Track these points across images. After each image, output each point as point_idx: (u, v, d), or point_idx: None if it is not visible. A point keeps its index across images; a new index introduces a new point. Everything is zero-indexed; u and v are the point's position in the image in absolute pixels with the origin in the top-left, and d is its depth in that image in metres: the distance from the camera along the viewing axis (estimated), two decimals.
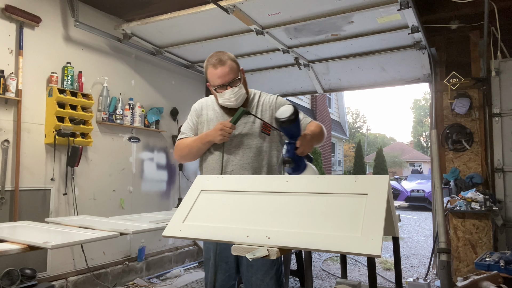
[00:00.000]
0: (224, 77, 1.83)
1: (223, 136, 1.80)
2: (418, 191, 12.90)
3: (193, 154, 1.96)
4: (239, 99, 1.88)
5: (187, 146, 1.95)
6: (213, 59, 1.86)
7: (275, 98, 2.01)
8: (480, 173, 3.96)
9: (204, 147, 1.90)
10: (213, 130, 1.84)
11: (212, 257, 1.91)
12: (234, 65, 1.88)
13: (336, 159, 19.13)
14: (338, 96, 19.48)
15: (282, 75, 5.01)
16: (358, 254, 0.93)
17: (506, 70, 3.75)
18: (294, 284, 4.02)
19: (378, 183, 1.05)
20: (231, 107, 1.92)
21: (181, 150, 1.98)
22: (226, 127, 1.80)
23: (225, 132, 1.80)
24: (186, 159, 2.03)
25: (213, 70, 1.84)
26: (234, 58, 1.90)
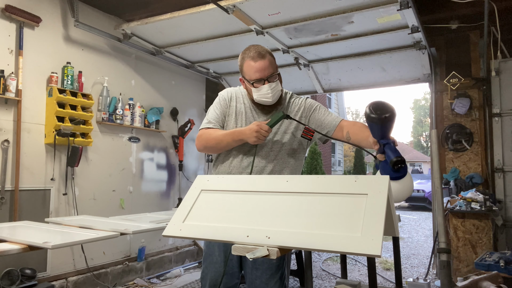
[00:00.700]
0: (263, 71, 1.75)
1: (258, 139, 1.70)
2: (418, 191, 12.89)
3: (220, 149, 1.85)
4: (276, 95, 1.80)
5: (215, 139, 1.82)
6: (252, 52, 1.78)
7: (304, 99, 1.94)
8: (480, 173, 3.96)
9: (235, 144, 1.80)
10: (247, 129, 1.72)
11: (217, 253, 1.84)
12: (273, 60, 1.81)
13: (336, 159, 19.13)
14: (338, 96, 19.49)
15: (282, 75, 4.98)
16: (358, 254, 0.93)
17: (506, 70, 3.75)
18: (294, 284, 4.02)
19: (378, 183, 1.05)
20: (266, 104, 1.83)
21: (207, 141, 1.85)
22: (262, 129, 1.69)
23: (261, 134, 1.69)
24: (209, 151, 1.91)
25: (252, 63, 1.76)
26: (272, 53, 1.82)
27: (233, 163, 1.84)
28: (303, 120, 1.88)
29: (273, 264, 1.75)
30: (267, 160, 1.81)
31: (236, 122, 1.86)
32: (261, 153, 1.81)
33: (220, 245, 1.83)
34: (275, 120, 1.71)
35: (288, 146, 1.85)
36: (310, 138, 1.74)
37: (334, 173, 17.75)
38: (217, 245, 1.84)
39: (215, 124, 1.88)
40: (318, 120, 1.87)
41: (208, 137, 1.84)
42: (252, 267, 1.79)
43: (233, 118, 1.87)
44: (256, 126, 1.69)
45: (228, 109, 1.90)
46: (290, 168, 1.85)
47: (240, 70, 1.85)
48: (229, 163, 1.86)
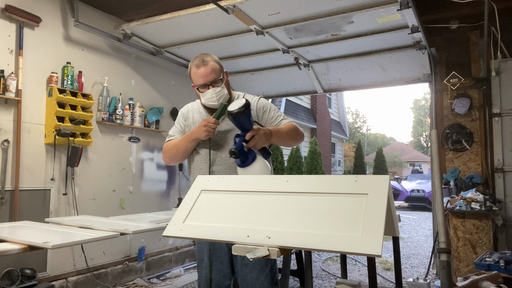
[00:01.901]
0: (206, 77, 1.89)
1: (207, 132, 1.83)
2: (418, 191, 12.90)
3: (181, 154, 1.98)
4: (221, 99, 1.92)
5: (174, 146, 1.98)
6: (197, 60, 1.93)
7: (257, 100, 2.05)
8: (480, 173, 3.96)
9: (191, 145, 1.93)
10: (198, 127, 1.89)
11: (206, 257, 1.93)
12: (217, 66, 1.93)
13: (336, 159, 19.12)
14: (338, 96, 19.48)
15: (282, 75, 5.01)
16: (358, 254, 0.93)
17: (506, 70, 3.75)
18: (294, 284, 4.02)
19: (379, 183, 1.05)
20: (213, 107, 1.96)
21: (169, 151, 2.00)
22: (210, 122, 1.83)
23: (209, 127, 1.83)
24: (174, 160, 2.04)
25: (196, 70, 1.91)
26: (217, 60, 1.96)
27: (200, 162, 1.98)
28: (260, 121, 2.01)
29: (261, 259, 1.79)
30: (219, 147, 1.95)
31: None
32: (217, 145, 1.96)
33: (207, 248, 1.92)
34: (219, 111, 1.85)
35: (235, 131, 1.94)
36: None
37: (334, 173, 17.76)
38: (206, 249, 1.93)
39: (175, 136, 2.05)
40: (266, 121, 2.02)
41: (169, 148, 2.01)
42: (241, 264, 1.87)
43: (192, 128, 2.01)
44: (203, 121, 1.85)
45: (186, 121, 2.07)
46: None
47: (190, 78, 1.99)
48: (197, 164, 1.99)
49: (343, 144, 22.02)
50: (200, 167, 1.98)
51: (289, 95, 5.64)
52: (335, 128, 18.39)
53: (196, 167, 2.00)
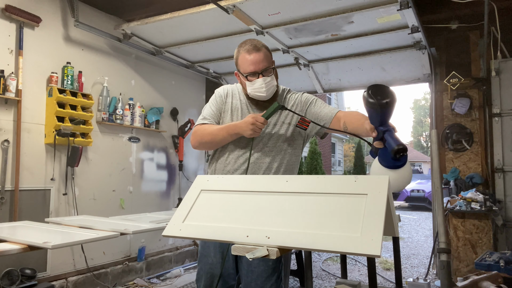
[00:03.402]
0: (257, 64, 1.73)
1: (254, 131, 1.67)
2: (418, 191, 12.90)
3: (215, 144, 1.81)
4: (270, 90, 1.78)
5: (210, 134, 1.79)
6: (247, 45, 1.76)
7: (301, 94, 1.92)
8: (480, 173, 3.96)
9: (231, 138, 1.76)
10: (243, 122, 1.70)
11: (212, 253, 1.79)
12: (269, 54, 1.78)
13: (336, 159, 19.12)
14: (338, 96, 19.49)
15: (282, 75, 4.97)
16: (358, 254, 0.93)
17: (506, 70, 3.75)
18: (294, 284, 4.02)
19: (378, 183, 1.05)
20: (260, 99, 1.80)
21: (202, 137, 1.81)
22: (258, 121, 1.66)
23: (257, 127, 1.66)
24: (205, 147, 1.86)
25: (247, 55, 1.74)
26: (268, 48, 1.80)
27: (229, 159, 1.81)
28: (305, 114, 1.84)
29: (269, 266, 1.71)
30: (263, 153, 1.78)
31: (231, 118, 1.83)
32: (257, 147, 1.78)
33: (216, 245, 1.79)
34: (270, 111, 1.68)
35: (285, 137, 1.82)
36: (306, 127, 1.71)
37: (334, 173, 17.75)
38: (212, 245, 1.80)
39: (210, 120, 1.85)
40: (314, 113, 1.83)
41: (203, 132, 1.81)
42: (247, 269, 1.74)
43: (229, 114, 1.84)
44: (251, 119, 1.66)
45: (224, 105, 1.87)
46: (288, 157, 1.82)
47: (236, 64, 1.83)
48: (225, 159, 1.81)
49: (343, 144, 22.02)
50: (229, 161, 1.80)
51: None
52: None
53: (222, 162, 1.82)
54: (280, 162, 1.79)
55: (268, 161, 1.78)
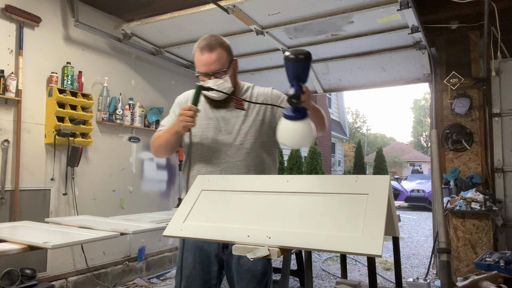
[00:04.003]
0: (209, 66, 1.62)
1: (185, 122, 1.55)
2: (418, 191, 12.91)
3: (164, 148, 1.71)
4: (219, 95, 1.66)
5: (158, 138, 1.72)
6: (203, 42, 1.65)
7: (271, 89, 1.83)
8: (480, 173, 3.96)
9: (173, 139, 1.65)
10: (177, 120, 1.62)
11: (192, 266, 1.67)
12: (224, 54, 1.65)
13: (336, 159, 19.13)
14: (338, 96, 19.49)
15: (282, 75, 4.98)
16: (358, 254, 0.93)
17: (506, 70, 3.75)
18: (294, 284, 4.02)
19: (379, 183, 1.05)
20: (212, 98, 1.70)
21: (152, 143, 1.76)
22: (185, 110, 1.55)
23: (185, 116, 1.55)
24: (158, 153, 1.77)
25: (199, 55, 1.64)
26: (227, 45, 1.68)
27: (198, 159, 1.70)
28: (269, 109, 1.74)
29: (258, 271, 1.65)
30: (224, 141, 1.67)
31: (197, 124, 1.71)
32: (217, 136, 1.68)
33: (196, 257, 1.68)
34: (195, 95, 1.60)
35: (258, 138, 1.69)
36: (242, 107, 1.70)
37: (334, 173, 17.76)
38: (192, 256, 1.68)
39: (165, 127, 1.76)
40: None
41: (154, 139, 1.75)
42: (237, 277, 1.66)
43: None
44: (180, 110, 1.59)
45: None
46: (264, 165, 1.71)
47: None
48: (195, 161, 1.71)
49: (343, 144, 22.03)
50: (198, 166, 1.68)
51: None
52: (335, 128, 18.40)
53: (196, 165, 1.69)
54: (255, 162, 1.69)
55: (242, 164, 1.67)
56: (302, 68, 1.32)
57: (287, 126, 1.34)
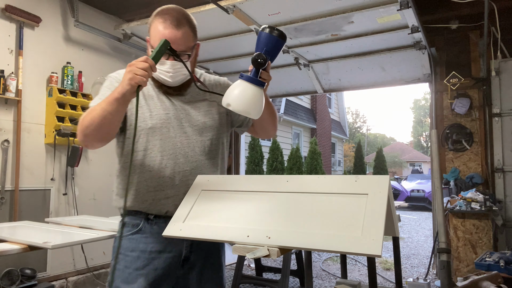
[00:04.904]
0: (171, 44, 1.30)
1: (134, 75, 1.14)
2: (418, 191, 12.91)
3: (96, 126, 1.23)
4: (177, 78, 1.36)
5: (89, 114, 1.25)
6: (167, 15, 1.33)
7: (219, 77, 1.59)
8: (480, 173, 3.96)
9: (112, 108, 1.19)
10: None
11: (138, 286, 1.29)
12: (190, 35, 1.37)
13: (336, 159, 19.13)
14: (338, 96, 19.49)
15: (282, 75, 5.01)
16: (358, 254, 0.93)
17: (506, 70, 3.74)
18: (294, 284, 4.02)
19: (379, 183, 1.05)
20: (163, 82, 1.38)
21: (81, 122, 1.27)
22: (139, 61, 1.17)
23: (136, 67, 1.15)
24: (88, 136, 1.28)
25: (161, 28, 1.31)
26: (194, 25, 1.39)
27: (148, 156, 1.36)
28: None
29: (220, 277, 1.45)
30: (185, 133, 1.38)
31: (150, 109, 1.37)
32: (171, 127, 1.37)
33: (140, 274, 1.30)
34: (158, 49, 1.24)
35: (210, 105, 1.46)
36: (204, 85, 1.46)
37: (334, 173, 17.76)
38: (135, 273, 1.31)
39: None
40: None
41: (84, 117, 1.27)
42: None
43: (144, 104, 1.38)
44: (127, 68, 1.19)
45: None
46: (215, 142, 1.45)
47: (148, 29, 1.38)
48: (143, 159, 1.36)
49: (343, 144, 22.03)
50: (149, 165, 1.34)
51: (289, 95, 5.64)
52: (335, 128, 18.40)
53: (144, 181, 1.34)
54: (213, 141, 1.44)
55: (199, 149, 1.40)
56: (275, 42, 1.27)
57: (240, 86, 1.24)
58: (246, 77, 1.24)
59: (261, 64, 1.24)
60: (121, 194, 1.42)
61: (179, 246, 1.35)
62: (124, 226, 1.39)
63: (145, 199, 1.35)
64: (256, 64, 1.24)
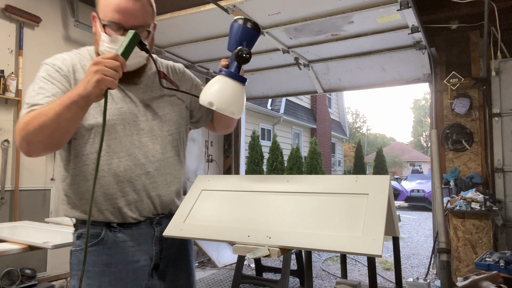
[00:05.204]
0: (127, 16, 1.11)
1: (102, 77, 0.96)
2: (418, 191, 12.91)
3: (49, 134, 1.02)
4: (133, 59, 1.14)
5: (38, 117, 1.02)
6: None
7: (174, 63, 1.46)
8: (480, 173, 3.96)
9: (70, 114, 1.00)
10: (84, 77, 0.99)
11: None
12: (150, 10, 1.23)
13: (336, 159, 19.13)
14: (338, 96, 19.49)
15: (282, 75, 5.01)
16: (359, 254, 0.93)
17: (506, 70, 3.75)
18: (294, 284, 4.02)
19: (379, 183, 1.05)
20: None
21: (26, 125, 1.03)
22: (107, 59, 0.97)
23: (104, 67, 0.96)
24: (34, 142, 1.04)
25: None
26: (152, 1, 1.27)
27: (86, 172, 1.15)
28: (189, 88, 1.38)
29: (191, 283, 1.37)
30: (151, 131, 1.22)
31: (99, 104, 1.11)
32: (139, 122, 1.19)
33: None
34: (127, 43, 1.04)
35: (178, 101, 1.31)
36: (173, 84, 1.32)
37: (334, 173, 17.76)
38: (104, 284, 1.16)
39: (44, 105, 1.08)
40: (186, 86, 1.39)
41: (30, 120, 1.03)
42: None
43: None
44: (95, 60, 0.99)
45: (72, 78, 1.16)
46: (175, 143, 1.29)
47: (96, 2, 1.18)
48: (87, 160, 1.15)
49: (343, 144, 22.03)
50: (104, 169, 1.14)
51: (289, 95, 5.64)
52: (335, 128, 18.40)
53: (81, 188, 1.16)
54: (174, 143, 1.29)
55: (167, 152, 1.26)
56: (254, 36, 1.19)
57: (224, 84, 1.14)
58: (228, 73, 1.15)
59: (247, 60, 1.14)
60: (74, 204, 1.17)
61: (148, 253, 1.23)
62: (81, 238, 1.19)
63: (103, 208, 1.15)
64: (241, 59, 1.14)
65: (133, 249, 1.19)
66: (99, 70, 0.96)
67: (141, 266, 1.20)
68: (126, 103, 1.19)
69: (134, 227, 1.20)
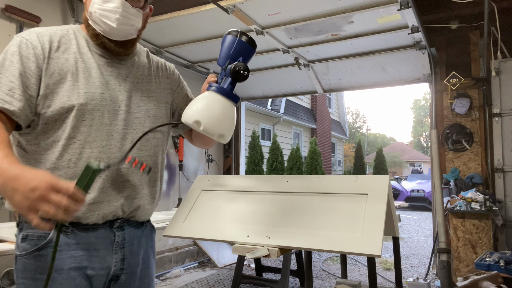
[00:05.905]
0: None
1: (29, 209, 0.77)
2: (418, 191, 12.91)
3: None
4: (123, 25, 1.05)
5: None
6: None
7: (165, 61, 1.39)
8: (480, 173, 3.96)
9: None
10: (27, 178, 0.79)
11: None
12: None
13: (336, 159, 19.14)
14: (338, 96, 19.50)
15: (282, 75, 5.01)
16: (358, 254, 0.93)
17: (506, 70, 3.75)
18: (294, 284, 4.02)
19: (379, 183, 1.05)
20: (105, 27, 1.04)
21: None
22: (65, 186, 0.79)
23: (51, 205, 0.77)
24: None
25: None
26: None
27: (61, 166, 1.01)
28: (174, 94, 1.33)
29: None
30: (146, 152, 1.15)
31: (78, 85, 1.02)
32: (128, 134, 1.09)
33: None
34: (89, 177, 0.87)
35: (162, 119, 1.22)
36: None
37: (334, 173, 17.77)
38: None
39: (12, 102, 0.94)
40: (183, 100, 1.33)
41: None
42: None
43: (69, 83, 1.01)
44: (44, 183, 0.77)
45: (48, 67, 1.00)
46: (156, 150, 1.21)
47: None
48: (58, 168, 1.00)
49: (343, 144, 22.04)
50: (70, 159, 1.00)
51: (289, 95, 5.64)
52: (335, 128, 18.41)
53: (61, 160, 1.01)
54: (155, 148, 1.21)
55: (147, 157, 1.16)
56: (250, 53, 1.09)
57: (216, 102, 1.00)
58: (220, 89, 1.01)
59: (245, 77, 1.01)
60: None
61: (106, 261, 1.06)
62: (27, 240, 1.02)
63: None
64: (238, 76, 1.00)
65: (89, 253, 1.03)
66: (41, 198, 0.76)
67: (96, 275, 1.04)
68: (108, 90, 1.07)
69: (91, 230, 1.04)
